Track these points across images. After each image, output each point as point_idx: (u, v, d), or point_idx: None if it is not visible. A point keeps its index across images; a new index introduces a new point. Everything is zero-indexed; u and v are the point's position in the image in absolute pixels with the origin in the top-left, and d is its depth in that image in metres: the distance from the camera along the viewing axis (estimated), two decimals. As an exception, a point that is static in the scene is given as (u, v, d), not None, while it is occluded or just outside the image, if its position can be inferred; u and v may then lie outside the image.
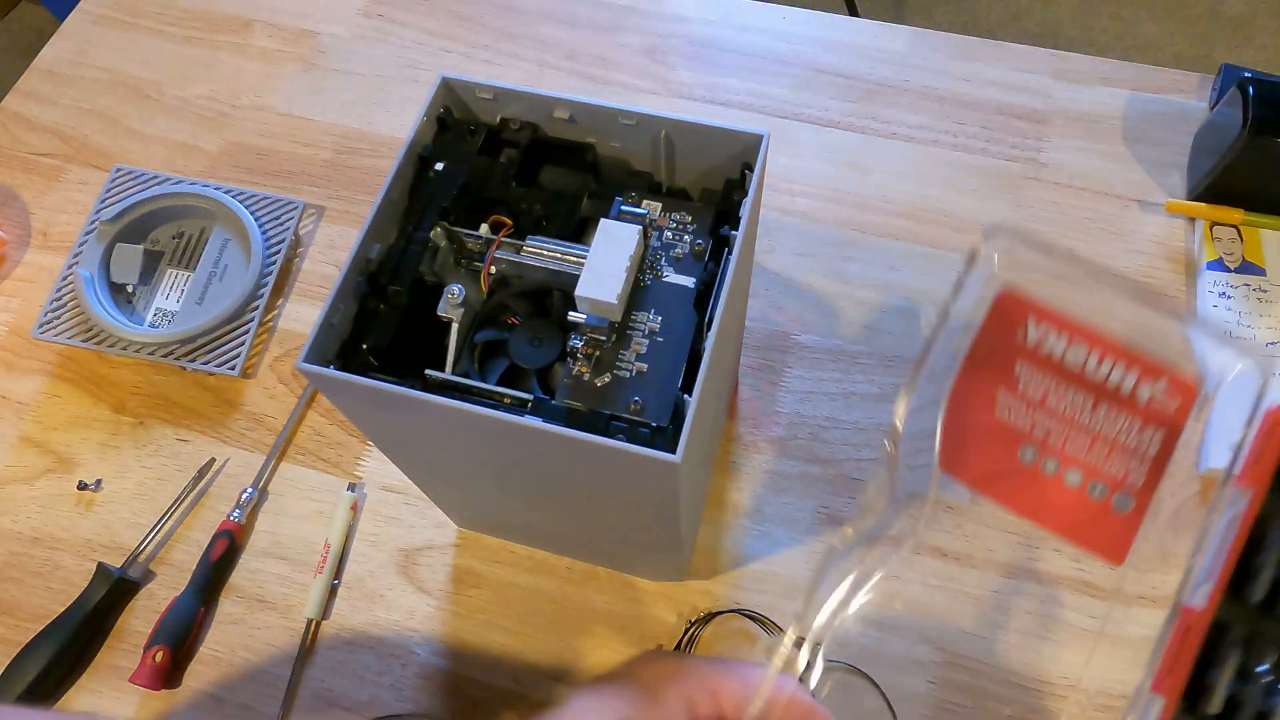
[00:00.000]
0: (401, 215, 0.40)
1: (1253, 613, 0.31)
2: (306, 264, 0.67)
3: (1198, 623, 0.31)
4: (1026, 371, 0.35)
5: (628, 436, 0.35)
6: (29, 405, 0.62)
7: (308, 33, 0.77)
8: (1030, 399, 0.35)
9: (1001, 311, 0.35)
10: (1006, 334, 0.35)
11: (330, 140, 0.72)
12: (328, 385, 0.35)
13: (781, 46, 0.74)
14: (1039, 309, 0.35)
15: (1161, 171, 0.67)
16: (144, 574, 0.56)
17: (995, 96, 0.71)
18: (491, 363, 0.43)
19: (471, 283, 0.42)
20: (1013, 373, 0.35)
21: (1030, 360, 0.35)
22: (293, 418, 0.60)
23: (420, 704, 0.52)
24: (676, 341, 0.37)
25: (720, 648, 0.53)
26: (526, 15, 0.77)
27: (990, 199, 0.66)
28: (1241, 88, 0.60)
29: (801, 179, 0.68)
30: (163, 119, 0.73)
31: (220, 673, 0.53)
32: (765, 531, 0.56)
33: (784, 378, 0.60)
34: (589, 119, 0.42)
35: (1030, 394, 0.35)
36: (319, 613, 0.54)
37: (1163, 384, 0.34)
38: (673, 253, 0.40)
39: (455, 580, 0.55)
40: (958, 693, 0.51)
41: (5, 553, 0.57)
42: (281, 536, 0.57)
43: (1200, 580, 0.32)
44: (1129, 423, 0.34)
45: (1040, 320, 0.35)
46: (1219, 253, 0.62)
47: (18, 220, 0.69)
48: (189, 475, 0.58)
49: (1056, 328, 0.35)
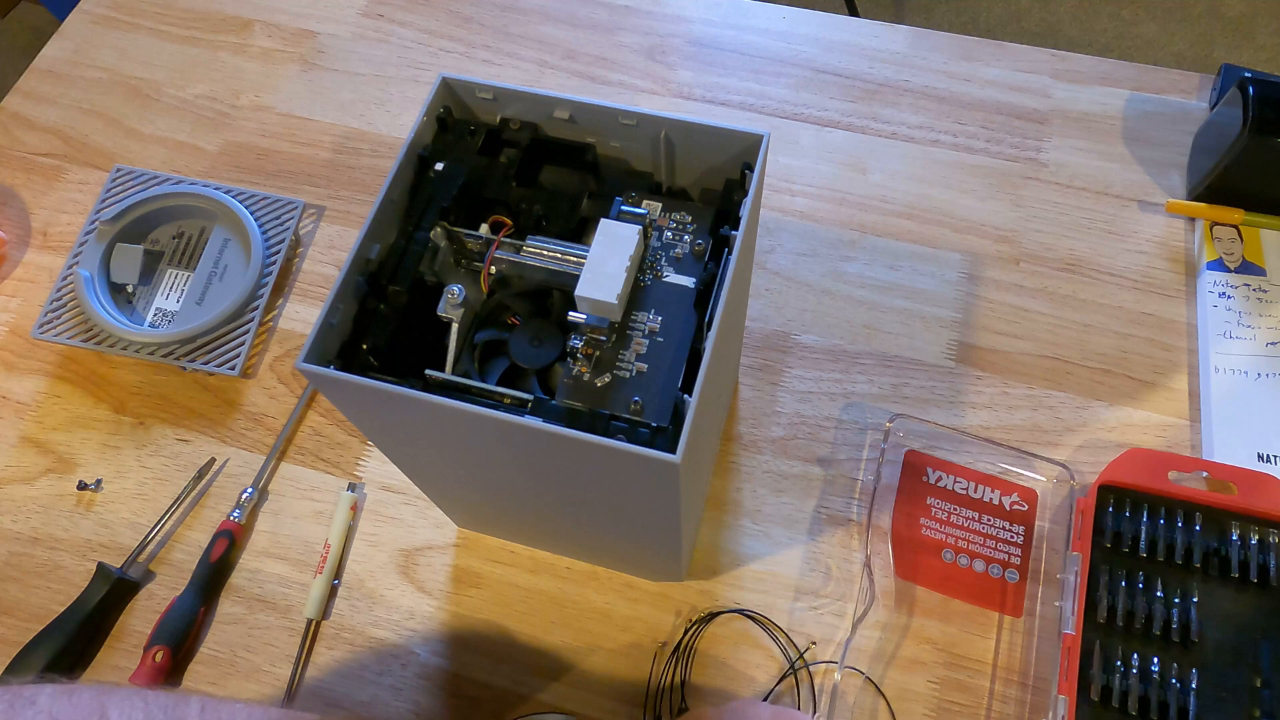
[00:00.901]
0: (401, 215, 0.40)
1: (1102, 629, 0.50)
2: (306, 264, 0.67)
3: (1073, 643, 0.49)
4: (935, 502, 0.56)
5: (628, 436, 0.35)
6: (29, 405, 0.62)
7: (308, 33, 0.77)
8: (940, 519, 0.55)
9: (910, 467, 0.57)
10: (917, 479, 0.56)
11: (330, 140, 0.72)
12: (328, 385, 0.35)
13: (781, 46, 0.74)
14: (932, 461, 0.57)
15: (1161, 171, 0.67)
16: (144, 574, 0.56)
17: (995, 96, 0.71)
18: (491, 363, 0.43)
19: (471, 283, 0.42)
20: (927, 504, 0.56)
21: (935, 494, 0.56)
22: (292, 418, 0.60)
23: (420, 704, 0.52)
24: (676, 341, 0.37)
25: (720, 648, 0.53)
26: (526, 15, 0.77)
27: (990, 199, 0.66)
28: (1241, 88, 0.60)
29: (801, 179, 0.68)
30: (163, 119, 0.73)
31: (220, 673, 0.53)
32: (765, 531, 0.56)
33: (784, 378, 0.60)
34: (589, 119, 0.42)
35: (940, 515, 0.55)
36: (319, 613, 0.54)
37: (1015, 495, 0.56)
38: (673, 253, 0.40)
39: (455, 580, 0.55)
40: (958, 692, 0.51)
41: (5, 553, 0.57)
42: (281, 536, 0.57)
43: (1069, 615, 0.51)
44: (1002, 523, 0.55)
45: (935, 468, 0.56)
46: (1219, 253, 0.62)
47: (18, 220, 0.69)
48: (189, 475, 0.58)
49: (945, 471, 0.56)
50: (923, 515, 0.55)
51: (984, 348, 0.61)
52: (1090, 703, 0.48)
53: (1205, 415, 0.57)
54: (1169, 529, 0.52)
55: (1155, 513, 0.52)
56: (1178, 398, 0.59)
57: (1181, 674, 0.48)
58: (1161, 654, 0.49)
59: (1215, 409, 0.57)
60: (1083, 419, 0.58)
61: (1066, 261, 0.64)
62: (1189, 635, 0.49)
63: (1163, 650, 0.49)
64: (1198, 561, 0.51)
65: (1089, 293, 0.62)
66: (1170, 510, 0.52)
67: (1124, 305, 0.62)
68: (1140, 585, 0.50)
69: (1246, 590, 0.50)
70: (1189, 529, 0.52)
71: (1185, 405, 0.58)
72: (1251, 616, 0.49)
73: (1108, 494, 0.53)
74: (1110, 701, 0.48)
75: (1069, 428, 0.58)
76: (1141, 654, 0.49)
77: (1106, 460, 0.56)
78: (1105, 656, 0.49)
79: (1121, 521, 0.52)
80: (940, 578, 0.53)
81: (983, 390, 0.59)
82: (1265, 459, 0.55)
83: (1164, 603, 0.50)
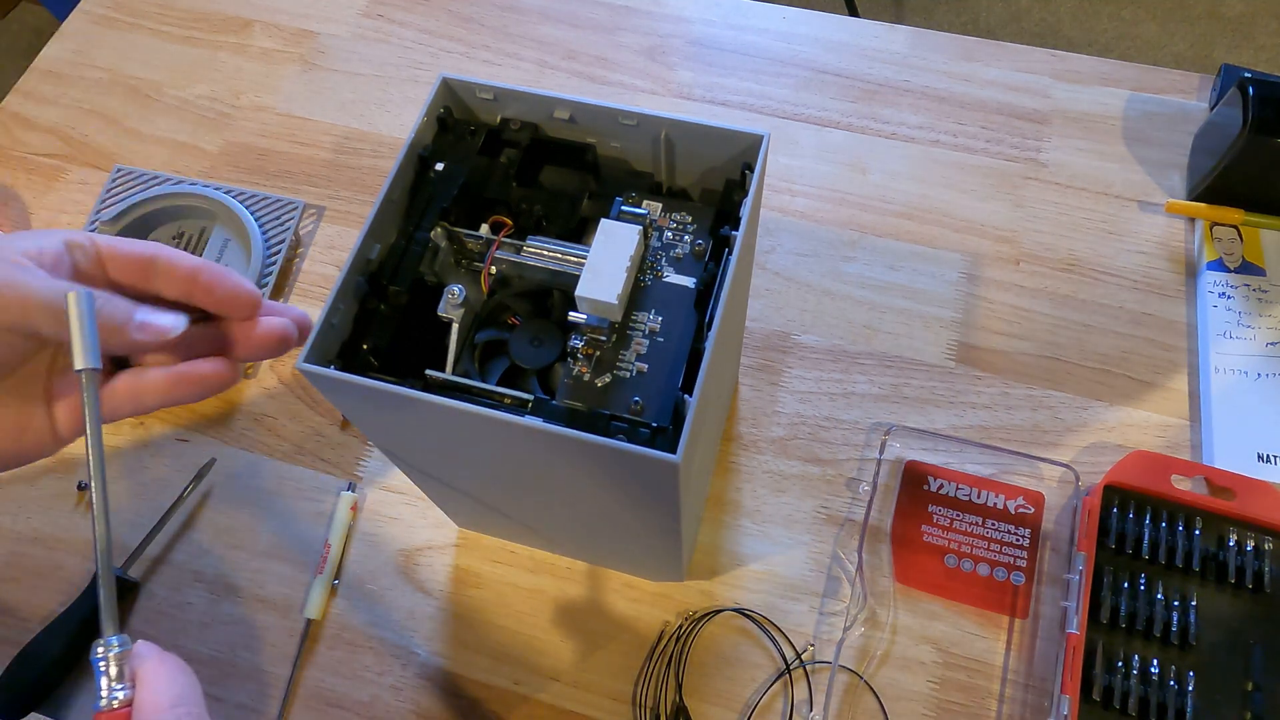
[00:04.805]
0: (401, 215, 0.40)
1: (1106, 630, 0.50)
2: (306, 264, 0.67)
3: (1078, 643, 0.49)
4: (936, 509, 0.56)
5: (628, 437, 0.35)
6: (29, 405, 0.62)
7: (308, 33, 0.77)
8: (943, 525, 0.55)
9: (910, 476, 0.57)
10: (917, 489, 0.56)
11: (330, 140, 0.72)
12: (328, 385, 0.35)
13: (781, 46, 0.74)
14: (933, 470, 0.57)
15: (1161, 171, 0.67)
16: (144, 574, 0.56)
17: (995, 96, 0.71)
18: (492, 363, 0.43)
19: (472, 283, 0.42)
20: (928, 511, 0.56)
21: (936, 502, 0.56)
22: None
23: (420, 704, 0.52)
24: (676, 341, 0.37)
25: (720, 647, 0.53)
26: (526, 15, 0.77)
27: (990, 199, 0.66)
28: (1241, 88, 0.60)
29: (801, 179, 0.68)
30: (163, 119, 0.73)
31: (220, 673, 0.53)
32: (765, 531, 0.56)
33: (784, 378, 0.60)
34: (589, 119, 0.42)
35: (942, 522, 0.55)
36: (319, 613, 0.54)
37: (1019, 498, 0.56)
38: (673, 253, 0.40)
39: (455, 580, 0.55)
40: (958, 692, 0.51)
41: (5, 553, 0.57)
42: (281, 536, 0.57)
43: (1073, 615, 0.50)
44: (1007, 527, 0.55)
45: (936, 476, 0.57)
46: (1219, 253, 0.62)
47: (18, 220, 0.69)
48: (189, 475, 0.58)
49: (946, 478, 0.57)
50: (924, 523, 0.55)
51: (984, 348, 0.61)
52: (1092, 703, 0.48)
53: (1205, 415, 0.57)
54: (1170, 532, 0.52)
55: (1157, 516, 0.52)
56: (1178, 398, 0.59)
57: (1179, 676, 0.48)
58: (1160, 655, 0.49)
59: (1215, 409, 0.57)
60: (1083, 419, 0.58)
61: (1066, 261, 0.64)
62: (1187, 638, 0.49)
63: (1161, 652, 0.49)
64: (1196, 565, 0.51)
65: (1089, 293, 0.62)
66: (1172, 514, 0.52)
67: (1124, 305, 0.62)
68: (1141, 587, 0.51)
69: (1242, 595, 0.50)
70: (1189, 533, 0.52)
71: (1185, 405, 0.58)
72: (1245, 621, 0.50)
73: (1113, 494, 0.53)
74: (1112, 702, 0.48)
75: (1069, 428, 0.58)
76: (1142, 655, 0.49)
77: (1107, 460, 0.56)
78: (1108, 657, 0.49)
79: (1125, 523, 0.52)
80: (943, 582, 0.53)
81: (983, 390, 0.59)
82: (1265, 459, 0.55)
83: (1164, 605, 0.50)
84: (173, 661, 0.32)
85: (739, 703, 0.51)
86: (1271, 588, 0.50)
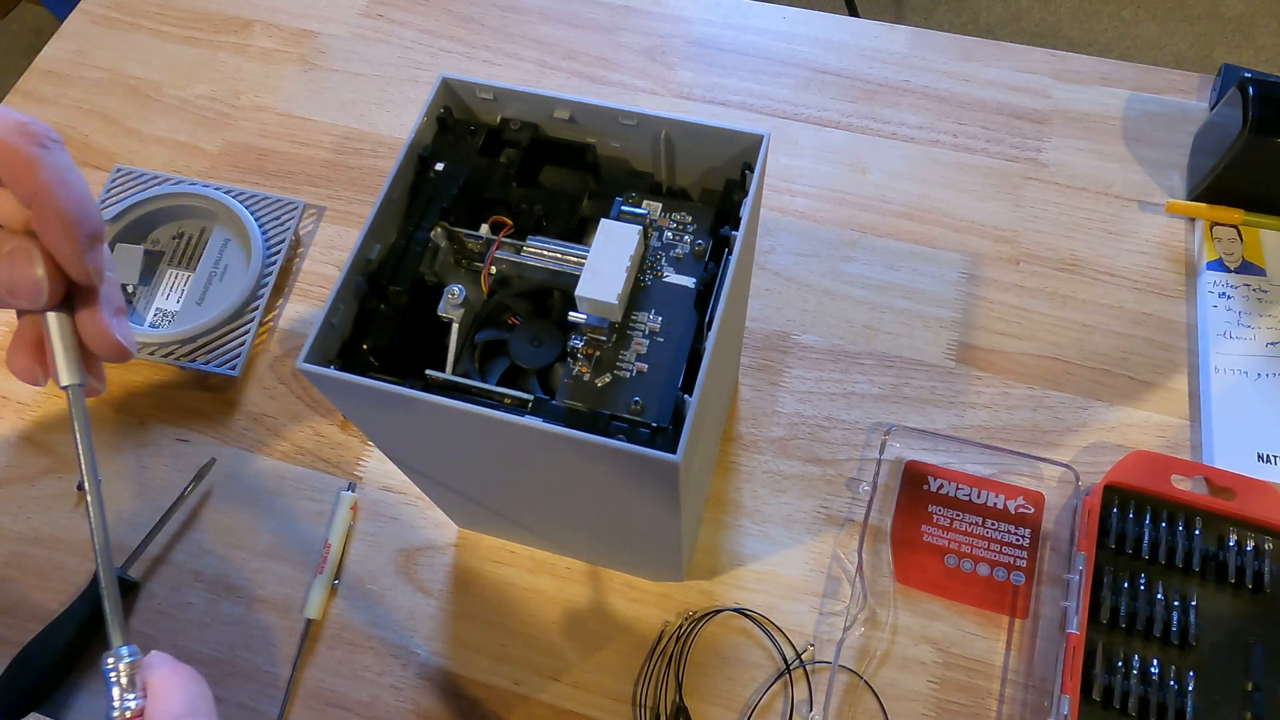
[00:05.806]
0: (401, 215, 0.40)
1: (1106, 630, 0.50)
2: (306, 264, 0.67)
3: (1078, 643, 0.49)
4: (936, 509, 0.55)
5: (628, 437, 0.35)
6: (29, 405, 0.62)
7: (308, 33, 0.77)
8: (943, 525, 0.55)
9: (910, 476, 0.56)
10: (917, 489, 0.56)
11: (330, 140, 0.72)
12: (328, 385, 0.35)
13: (781, 46, 0.74)
14: (933, 470, 0.57)
15: (1161, 171, 0.67)
16: (144, 574, 0.56)
17: (995, 96, 0.71)
18: (492, 363, 0.43)
19: (472, 283, 0.42)
20: (928, 511, 0.55)
21: (936, 502, 0.56)
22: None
23: (420, 704, 0.52)
24: (676, 341, 0.37)
25: (719, 647, 0.53)
26: (526, 15, 0.77)
27: (990, 199, 0.66)
28: (1241, 88, 0.60)
29: (801, 179, 0.68)
30: (163, 119, 0.73)
31: (220, 673, 0.53)
32: (765, 531, 0.56)
33: (784, 378, 0.60)
34: (589, 119, 0.42)
35: (942, 522, 0.55)
36: (319, 613, 0.54)
37: (1020, 498, 0.56)
38: (673, 253, 0.40)
39: (455, 580, 0.55)
40: (958, 692, 0.51)
41: (5, 553, 0.57)
42: (281, 536, 0.57)
43: (1073, 615, 0.50)
44: (1007, 527, 0.55)
45: (936, 476, 0.56)
46: (1219, 253, 0.62)
47: (18, 220, 0.69)
48: (189, 475, 0.58)
49: (946, 478, 0.56)
50: (924, 523, 0.55)
51: (984, 348, 0.61)
52: (1092, 703, 0.48)
53: (1205, 415, 0.57)
54: (1170, 532, 0.52)
55: (1157, 516, 0.52)
56: (1178, 398, 0.59)
57: (1179, 676, 0.48)
58: (1160, 655, 0.49)
59: (1215, 409, 0.57)
60: (1083, 419, 0.58)
61: (1066, 261, 0.64)
62: (1187, 638, 0.49)
63: (1161, 652, 0.49)
64: (1196, 565, 0.51)
65: (1089, 293, 0.62)
66: (1172, 514, 0.52)
67: (1124, 305, 0.62)
68: (1141, 587, 0.51)
69: (1242, 595, 0.51)
70: (1189, 533, 0.52)
71: (1185, 405, 0.58)
72: (1245, 621, 0.50)
73: (1113, 494, 0.53)
74: (1112, 702, 0.48)
75: (1069, 428, 0.58)
76: (1142, 655, 0.49)
77: (1107, 460, 0.56)
78: (1108, 657, 0.49)
79: (1125, 523, 0.52)
80: (943, 582, 0.53)
81: (983, 390, 0.59)
82: (1265, 459, 0.55)
83: (1164, 605, 0.50)
84: (185, 671, 0.32)
85: (739, 703, 0.51)
86: (1271, 588, 0.50)
